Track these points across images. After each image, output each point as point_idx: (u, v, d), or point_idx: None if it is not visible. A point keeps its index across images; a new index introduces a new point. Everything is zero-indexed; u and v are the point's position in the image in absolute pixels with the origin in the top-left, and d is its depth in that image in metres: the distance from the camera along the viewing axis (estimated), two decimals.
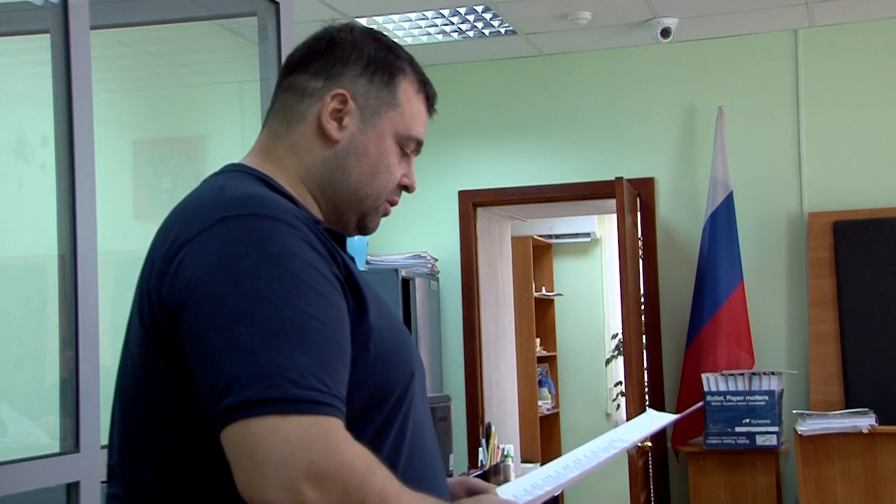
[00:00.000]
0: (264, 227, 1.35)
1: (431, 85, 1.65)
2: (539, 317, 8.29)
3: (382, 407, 1.44)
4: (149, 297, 1.40)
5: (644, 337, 5.85)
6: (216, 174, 1.54)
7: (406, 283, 5.76)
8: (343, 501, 1.23)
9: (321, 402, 1.26)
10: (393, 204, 1.63)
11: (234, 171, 1.54)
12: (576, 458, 1.65)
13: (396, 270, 5.68)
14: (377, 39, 1.60)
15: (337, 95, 1.55)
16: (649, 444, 5.52)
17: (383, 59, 1.58)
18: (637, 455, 5.35)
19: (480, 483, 1.64)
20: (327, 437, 1.24)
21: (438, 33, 5.64)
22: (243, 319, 1.28)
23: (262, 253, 1.33)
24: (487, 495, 1.55)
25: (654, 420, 1.82)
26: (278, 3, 3.02)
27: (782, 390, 5.38)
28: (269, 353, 1.26)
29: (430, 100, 1.64)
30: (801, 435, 5.05)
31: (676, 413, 1.98)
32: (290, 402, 1.24)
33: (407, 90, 1.59)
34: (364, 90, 1.56)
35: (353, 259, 1.53)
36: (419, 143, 1.63)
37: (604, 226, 8.71)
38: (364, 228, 1.61)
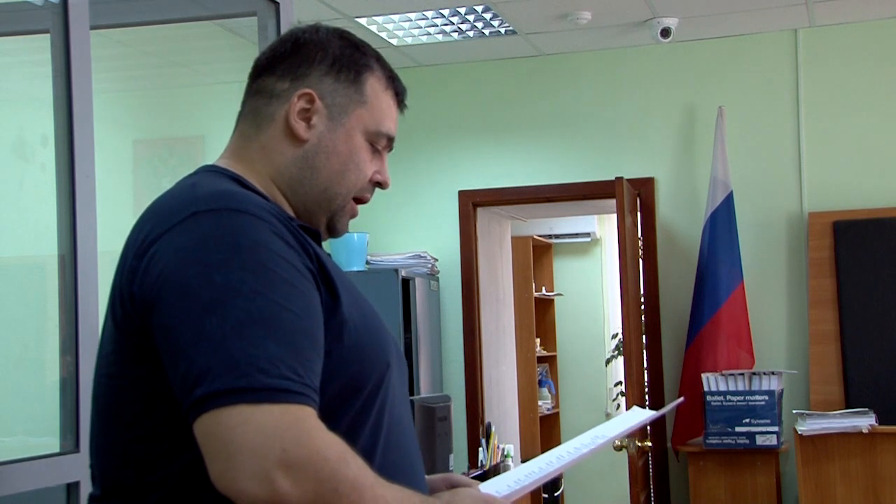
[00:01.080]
0: (235, 221, 1.36)
1: (400, 81, 1.65)
2: (539, 317, 8.29)
3: (357, 398, 1.44)
4: (121, 294, 1.41)
5: (644, 337, 5.85)
6: (190, 175, 1.56)
7: (406, 283, 5.76)
8: (316, 490, 1.23)
9: (293, 391, 1.26)
10: (364, 201, 1.63)
11: (206, 171, 1.55)
12: (559, 454, 1.66)
13: (396, 270, 5.68)
14: (343, 38, 1.61)
15: (304, 95, 1.56)
16: (649, 443, 5.52)
17: (349, 57, 1.59)
18: (637, 455, 5.34)
19: (463, 478, 1.65)
20: (299, 425, 1.25)
21: (438, 33, 5.64)
22: (214, 311, 1.28)
23: (232, 246, 1.33)
24: (466, 488, 1.55)
25: (636, 416, 1.84)
26: (278, 3, 3.02)
27: (782, 390, 5.38)
28: (240, 343, 1.27)
29: (399, 95, 1.64)
30: (801, 435, 5.05)
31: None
32: (260, 392, 1.24)
33: (374, 87, 1.60)
34: (331, 89, 1.57)
35: (328, 255, 1.54)
36: (390, 140, 1.63)
37: (604, 226, 8.71)
38: (333, 230, 1.62)
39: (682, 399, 2.28)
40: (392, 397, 1.50)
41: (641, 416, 1.84)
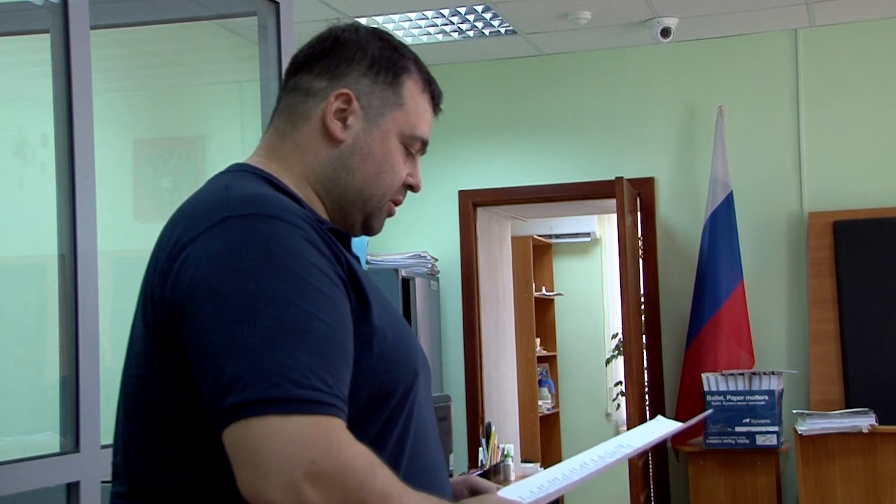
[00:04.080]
0: (268, 227, 1.35)
1: (436, 84, 1.64)
2: (539, 317, 8.29)
3: (385, 406, 1.44)
4: (152, 296, 1.40)
5: (644, 337, 5.85)
6: (222, 174, 1.54)
7: (406, 283, 5.76)
8: (344, 501, 1.23)
9: (322, 402, 1.26)
10: (397, 204, 1.62)
11: (238, 170, 1.54)
12: (583, 461, 1.63)
13: (396, 270, 5.68)
14: (382, 39, 1.60)
15: (341, 95, 1.54)
16: None
17: (388, 59, 1.58)
18: (637, 455, 5.34)
19: (483, 482, 1.64)
20: (328, 436, 1.24)
21: (438, 33, 5.64)
22: (245, 319, 1.28)
23: (264, 252, 1.32)
24: (490, 495, 1.54)
25: (662, 427, 1.81)
26: (278, 3, 3.02)
27: (782, 390, 5.38)
28: (271, 352, 1.26)
29: (435, 99, 1.64)
30: (801, 435, 5.05)
31: (684, 420, 1.96)
32: (291, 402, 1.24)
33: (411, 89, 1.59)
34: (368, 90, 1.56)
35: (357, 259, 1.53)
36: (424, 143, 1.62)
37: (604, 226, 8.71)
38: (369, 229, 1.61)
39: (710, 411, 2.23)
40: (419, 405, 1.49)
41: (667, 427, 1.79)
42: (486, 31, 5.64)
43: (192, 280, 1.34)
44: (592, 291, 8.77)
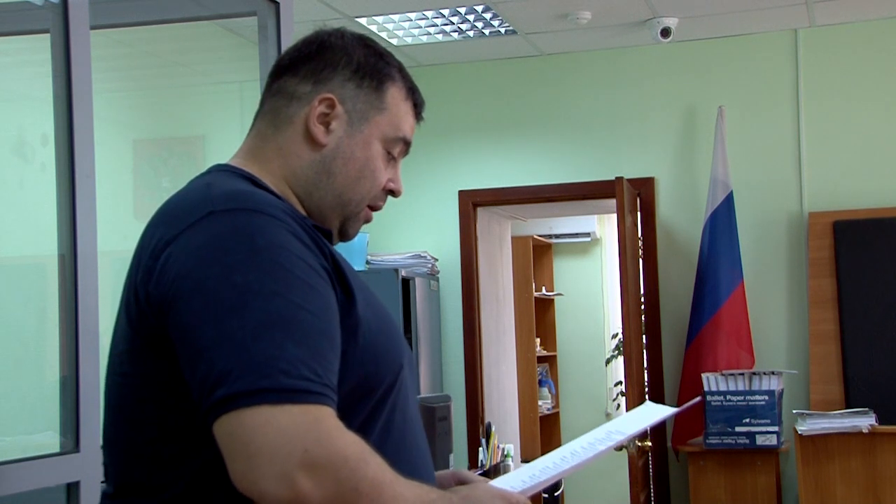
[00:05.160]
0: (252, 221, 1.37)
1: (419, 93, 1.66)
2: (539, 317, 8.29)
3: (369, 398, 1.45)
4: (136, 293, 1.41)
5: (644, 337, 5.85)
6: (202, 174, 1.56)
7: (406, 283, 5.76)
8: (337, 490, 1.24)
9: (313, 392, 1.27)
10: (376, 209, 1.64)
11: (219, 170, 1.55)
12: (573, 449, 1.65)
13: (396, 270, 5.68)
14: (367, 45, 1.61)
15: (325, 99, 1.56)
16: (649, 443, 5.52)
17: (373, 66, 1.59)
18: (637, 455, 5.34)
19: (471, 474, 1.66)
20: (319, 426, 1.26)
21: (438, 33, 5.64)
22: (233, 312, 1.29)
23: (249, 246, 1.34)
24: (482, 484, 1.56)
25: (652, 412, 1.81)
26: (278, 3, 3.02)
27: (782, 390, 5.38)
28: (260, 344, 1.27)
29: (417, 107, 1.65)
30: (801, 435, 5.05)
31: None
32: (281, 392, 1.25)
33: (395, 96, 1.60)
34: (352, 95, 1.57)
35: (341, 254, 1.54)
36: (407, 144, 1.64)
37: (604, 226, 8.71)
38: (345, 234, 1.62)
39: (699, 398, 2.24)
40: (403, 397, 1.51)
41: (659, 412, 1.80)
42: (486, 31, 5.64)
43: (178, 275, 1.34)
44: (592, 291, 8.77)
